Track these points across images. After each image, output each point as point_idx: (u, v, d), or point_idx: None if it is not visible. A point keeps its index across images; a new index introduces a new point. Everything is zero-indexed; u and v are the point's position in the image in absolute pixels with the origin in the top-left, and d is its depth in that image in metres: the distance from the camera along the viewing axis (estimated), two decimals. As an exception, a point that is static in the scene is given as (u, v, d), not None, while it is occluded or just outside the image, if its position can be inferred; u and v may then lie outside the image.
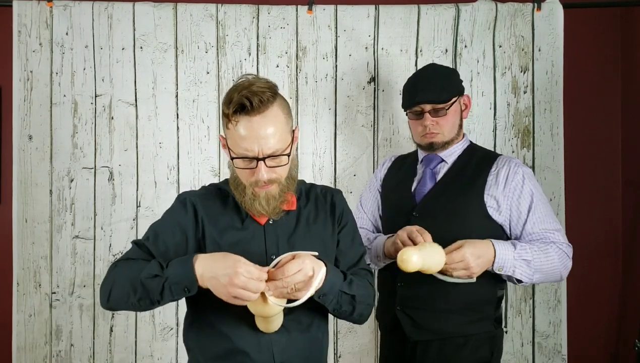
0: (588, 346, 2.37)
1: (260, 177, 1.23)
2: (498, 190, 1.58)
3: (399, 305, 1.63)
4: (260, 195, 1.25)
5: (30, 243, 2.13)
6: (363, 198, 1.89)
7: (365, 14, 2.16)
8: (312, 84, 2.18)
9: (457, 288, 1.54)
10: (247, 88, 1.21)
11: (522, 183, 1.59)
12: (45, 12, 2.13)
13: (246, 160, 1.23)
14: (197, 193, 1.37)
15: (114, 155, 2.15)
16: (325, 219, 1.37)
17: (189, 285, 1.17)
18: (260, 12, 2.16)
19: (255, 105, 1.20)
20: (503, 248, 1.51)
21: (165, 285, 1.18)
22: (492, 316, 1.62)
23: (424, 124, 1.65)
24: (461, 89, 1.71)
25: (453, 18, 2.15)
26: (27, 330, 2.13)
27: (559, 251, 1.55)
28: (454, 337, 1.58)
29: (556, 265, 1.55)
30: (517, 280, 1.55)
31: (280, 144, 1.23)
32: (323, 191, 1.42)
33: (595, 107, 2.40)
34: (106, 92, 2.15)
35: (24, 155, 2.13)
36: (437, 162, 1.70)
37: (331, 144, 2.19)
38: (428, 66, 1.78)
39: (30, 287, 2.13)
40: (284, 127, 1.25)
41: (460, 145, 1.70)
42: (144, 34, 2.15)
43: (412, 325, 1.61)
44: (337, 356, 2.17)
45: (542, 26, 2.14)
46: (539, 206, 1.58)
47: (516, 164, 1.62)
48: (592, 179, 2.40)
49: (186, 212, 1.32)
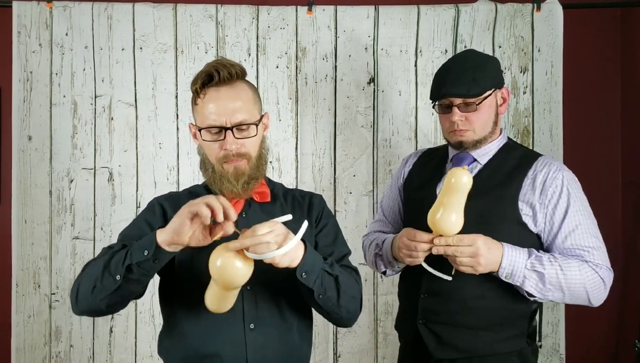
0: (587, 346, 2.37)
1: (229, 147, 1.21)
2: (534, 196, 1.41)
3: (422, 318, 1.48)
4: (229, 171, 1.22)
5: (29, 244, 2.12)
6: (384, 200, 1.75)
7: (365, 15, 2.16)
8: (311, 84, 2.18)
9: (486, 302, 1.42)
10: (216, 61, 1.24)
11: (561, 189, 1.40)
12: (45, 13, 2.13)
13: (214, 132, 1.22)
14: (165, 196, 1.36)
15: (113, 156, 2.15)
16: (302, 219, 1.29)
17: (148, 246, 1.09)
18: (260, 13, 2.16)
19: (223, 76, 1.21)
20: (514, 254, 1.35)
21: (127, 255, 1.12)
22: (525, 332, 1.46)
23: (452, 119, 1.46)
24: (499, 81, 1.50)
25: (453, 18, 2.15)
26: (26, 331, 2.12)
27: (587, 270, 1.36)
28: (482, 356, 1.43)
29: (580, 286, 1.35)
30: (527, 294, 1.39)
31: (248, 115, 1.23)
32: (301, 194, 1.39)
33: (595, 107, 2.40)
34: (106, 92, 2.15)
35: (23, 155, 2.13)
36: (469, 162, 1.51)
37: (331, 144, 2.18)
38: (463, 53, 1.56)
39: (30, 288, 2.13)
40: (252, 103, 1.25)
41: (495, 143, 1.52)
42: (144, 34, 2.15)
43: (436, 341, 1.45)
44: (337, 356, 2.17)
45: (541, 27, 2.14)
46: (577, 218, 1.40)
47: (557, 168, 1.43)
48: (592, 179, 2.38)
49: (154, 213, 1.30)
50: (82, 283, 1.18)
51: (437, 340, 1.46)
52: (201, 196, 1.16)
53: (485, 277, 1.40)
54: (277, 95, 2.17)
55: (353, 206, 2.17)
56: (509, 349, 1.43)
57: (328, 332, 2.17)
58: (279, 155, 2.17)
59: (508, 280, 1.37)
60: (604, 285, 1.39)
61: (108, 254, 1.17)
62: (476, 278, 1.40)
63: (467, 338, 1.43)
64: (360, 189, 2.18)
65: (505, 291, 1.42)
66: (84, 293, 1.17)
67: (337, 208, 2.17)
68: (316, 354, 2.16)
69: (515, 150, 1.53)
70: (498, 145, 1.53)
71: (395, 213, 1.70)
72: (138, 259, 1.10)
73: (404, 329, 1.61)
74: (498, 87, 1.50)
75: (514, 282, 1.37)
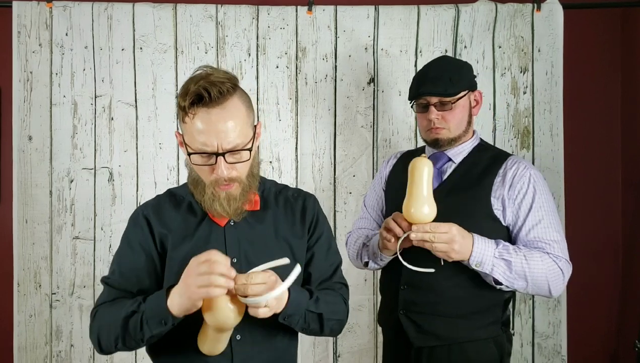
0: (588, 346, 2.37)
1: (220, 174, 1.15)
2: (504, 191, 1.52)
3: (402, 309, 1.58)
4: (221, 195, 1.18)
5: (30, 244, 2.13)
6: (367, 198, 1.83)
7: (365, 15, 2.16)
8: (311, 84, 2.18)
9: (462, 291, 1.51)
10: (205, 78, 1.13)
11: (527, 186, 1.51)
12: (44, 13, 2.13)
13: (204, 156, 1.15)
14: (149, 205, 1.29)
15: (113, 156, 2.16)
16: (294, 222, 1.29)
17: (163, 316, 1.10)
18: (260, 13, 2.16)
19: (213, 96, 1.12)
20: (483, 243, 1.44)
21: (143, 320, 1.12)
22: (500, 319, 1.57)
23: (429, 117, 1.57)
24: (472, 84, 1.62)
25: (453, 19, 2.15)
26: (27, 330, 2.13)
27: (549, 262, 1.47)
28: (460, 343, 1.53)
29: (542, 276, 1.45)
30: (495, 282, 1.48)
31: (240, 138, 1.15)
32: (295, 194, 1.34)
33: (595, 108, 2.40)
34: (106, 92, 2.16)
35: (23, 155, 2.13)
36: (444, 161, 1.62)
37: (331, 144, 2.19)
38: (439, 58, 1.69)
39: (31, 288, 2.13)
40: (244, 121, 1.17)
41: (469, 143, 1.62)
42: (144, 34, 2.15)
43: (416, 330, 1.55)
44: (337, 356, 2.18)
45: (541, 27, 2.14)
46: (540, 213, 1.50)
47: (525, 166, 1.54)
48: (592, 179, 2.39)
49: (141, 229, 1.25)
50: (102, 336, 1.19)
51: (417, 329, 1.55)
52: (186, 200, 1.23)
53: (461, 269, 1.49)
54: (277, 95, 2.17)
55: (353, 206, 2.17)
56: (486, 336, 1.54)
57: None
58: (279, 155, 2.17)
59: (478, 269, 1.46)
60: (563, 276, 1.49)
61: (123, 311, 1.14)
62: (453, 270, 1.49)
63: (446, 327, 1.53)
64: (360, 189, 2.18)
65: (481, 281, 1.51)
66: (109, 346, 1.19)
67: (337, 209, 2.17)
68: (316, 354, 2.17)
69: (487, 150, 1.64)
70: (471, 146, 1.63)
71: (378, 212, 1.78)
72: (157, 329, 1.12)
73: (386, 321, 1.69)
74: (471, 89, 1.62)
75: (483, 270, 1.46)
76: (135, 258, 1.23)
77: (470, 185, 1.55)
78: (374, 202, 1.79)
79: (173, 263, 1.21)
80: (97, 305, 1.23)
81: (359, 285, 2.16)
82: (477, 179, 1.56)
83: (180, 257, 1.20)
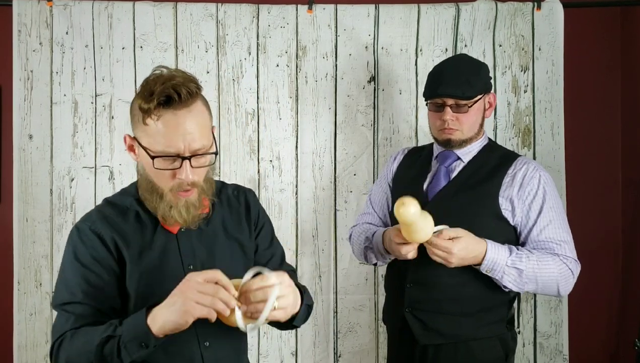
0: (588, 346, 2.37)
1: (185, 178, 1.11)
2: (513, 192, 1.52)
3: (408, 307, 1.58)
4: (179, 203, 1.14)
5: (30, 242, 2.13)
6: (372, 193, 1.83)
7: (365, 13, 2.16)
8: (312, 83, 2.18)
9: (468, 290, 1.52)
10: (171, 80, 1.09)
11: (537, 187, 1.52)
12: (45, 12, 2.13)
13: (168, 160, 1.11)
14: (94, 219, 1.21)
15: (114, 155, 2.15)
16: (241, 221, 1.28)
17: (143, 339, 1.03)
18: (260, 12, 2.16)
19: (183, 98, 1.08)
20: (496, 251, 1.46)
21: (121, 345, 1.04)
22: (505, 318, 1.58)
23: (444, 118, 1.57)
24: (488, 86, 1.62)
25: (453, 17, 2.15)
26: (27, 328, 2.13)
27: (560, 265, 1.49)
28: (465, 341, 1.54)
29: (553, 279, 1.49)
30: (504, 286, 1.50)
31: (205, 140, 1.12)
32: (235, 191, 1.32)
33: (596, 107, 2.40)
34: (106, 91, 2.15)
35: (24, 154, 2.13)
36: (453, 159, 1.62)
37: (331, 143, 2.18)
38: (458, 56, 1.67)
39: (31, 286, 2.13)
40: (208, 124, 1.15)
41: (478, 143, 1.63)
42: (144, 33, 2.15)
43: (422, 328, 1.56)
44: (337, 356, 2.17)
45: (542, 25, 2.13)
46: (550, 214, 1.52)
47: (535, 168, 1.55)
48: (593, 178, 2.39)
49: (92, 246, 1.17)
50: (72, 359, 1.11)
51: (423, 326, 1.56)
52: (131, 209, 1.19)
53: (467, 267, 1.50)
54: (277, 94, 2.17)
55: (353, 205, 2.17)
56: (490, 334, 1.55)
57: (329, 331, 2.17)
58: (279, 153, 2.17)
59: (488, 274, 1.48)
60: (573, 276, 1.52)
61: (95, 339, 1.07)
62: (459, 269, 1.49)
63: (451, 325, 1.54)
64: (360, 188, 2.18)
65: (486, 280, 1.52)
66: None
67: (337, 207, 2.17)
68: (316, 354, 2.17)
69: (496, 150, 1.65)
70: (480, 145, 1.64)
71: (384, 207, 1.78)
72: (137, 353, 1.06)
73: (391, 318, 1.70)
74: (487, 92, 1.62)
75: (493, 276, 1.48)
76: (97, 275, 1.16)
77: (478, 185, 1.56)
78: (379, 198, 1.79)
79: (134, 278, 1.16)
80: (60, 335, 1.13)
81: (360, 284, 2.16)
82: (486, 179, 1.56)
83: (141, 270, 1.16)
